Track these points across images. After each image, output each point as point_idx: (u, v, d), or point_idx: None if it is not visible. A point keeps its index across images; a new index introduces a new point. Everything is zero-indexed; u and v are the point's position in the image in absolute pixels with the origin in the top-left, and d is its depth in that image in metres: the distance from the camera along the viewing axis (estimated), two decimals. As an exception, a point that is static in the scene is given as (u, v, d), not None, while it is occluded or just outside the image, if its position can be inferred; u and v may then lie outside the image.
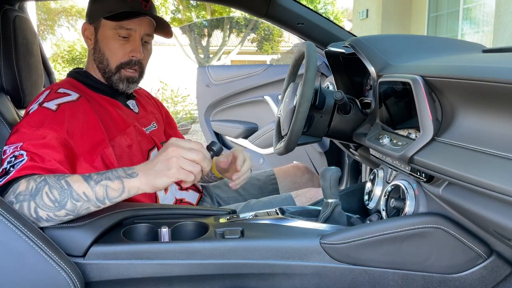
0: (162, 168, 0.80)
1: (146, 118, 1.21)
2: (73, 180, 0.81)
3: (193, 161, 0.81)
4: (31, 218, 0.79)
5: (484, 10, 6.88)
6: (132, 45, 1.08)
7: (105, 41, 1.08)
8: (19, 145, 0.88)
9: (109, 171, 0.83)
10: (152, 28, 1.13)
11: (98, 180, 0.81)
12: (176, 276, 0.83)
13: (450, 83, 0.73)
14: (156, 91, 7.32)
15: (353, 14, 9.86)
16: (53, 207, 0.79)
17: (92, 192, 0.80)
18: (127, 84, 1.11)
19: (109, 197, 0.81)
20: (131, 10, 1.06)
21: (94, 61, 1.11)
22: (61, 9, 13.21)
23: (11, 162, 0.85)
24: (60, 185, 0.80)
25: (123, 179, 0.82)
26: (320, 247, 0.84)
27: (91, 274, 0.81)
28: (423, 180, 0.82)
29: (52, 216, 0.80)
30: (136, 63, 1.10)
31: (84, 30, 1.12)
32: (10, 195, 0.81)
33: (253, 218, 0.97)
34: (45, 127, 0.92)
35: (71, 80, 1.11)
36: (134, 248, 0.82)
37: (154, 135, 1.20)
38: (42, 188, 0.80)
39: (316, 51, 1.05)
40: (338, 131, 1.14)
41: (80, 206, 0.80)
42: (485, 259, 0.83)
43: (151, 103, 1.32)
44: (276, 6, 1.49)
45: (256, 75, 2.45)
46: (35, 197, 0.79)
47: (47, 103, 0.98)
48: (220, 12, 12.08)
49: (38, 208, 0.79)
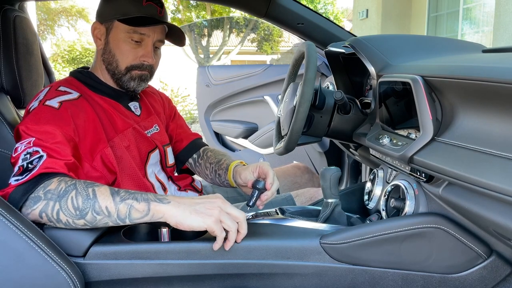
0: (203, 211, 0.79)
1: (147, 121, 1.20)
2: (100, 191, 0.81)
3: (234, 218, 0.81)
4: (52, 218, 0.80)
5: (484, 10, 6.89)
6: (144, 50, 1.07)
7: (117, 43, 1.06)
8: (31, 140, 0.87)
9: (139, 193, 0.82)
10: (164, 34, 1.12)
11: (124, 198, 0.80)
12: (176, 276, 0.83)
13: (450, 83, 0.73)
14: (156, 91, 7.31)
15: (353, 14, 9.85)
16: (74, 214, 0.79)
17: (115, 209, 0.79)
18: (139, 82, 1.10)
19: (131, 217, 0.80)
20: (146, 15, 1.05)
21: (103, 61, 1.09)
22: (61, 9, 13.21)
23: (26, 159, 0.84)
24: (87, 193, 0.80)
25: (151, 202, 0.80)
26: (320, 247, 0.84)
27: (91, 274, 0.81)
28: (423, 180, 0.82)
29: (71, 222, 0.80)
30: (147, 67, 1.09)
31: (94, 29, 1.10)
32: (40, 190, 0.80)
33: (253, 218, 0.97)
34: (52, 124, 0.92)
35: (71, 79, 1.11)
36: (134, 248, 0.82)
37: (156, 138, 1.19)
38: (69, 192, 0.80)
39: (316, 51, 1.05)
40: (338, 131, 1.14)
41: (100, 220, 0.80)
42: (485, 259, 0.83)
43: (157, 100, 1.29)
44: (276, 6, 1.49)
45: (256, 75, 2.45)
46: (61, 199, 0.79)
47: (49, 101, 0.98)
48: (220, 12, 12.09)
49: (61, 211, 0.79)
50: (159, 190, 1.15)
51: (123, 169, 1.06)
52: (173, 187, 1.21)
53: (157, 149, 1.17)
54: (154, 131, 1.20)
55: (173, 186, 1.22)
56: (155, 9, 1.07)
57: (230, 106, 2.63)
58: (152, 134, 1.18)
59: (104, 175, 1.02)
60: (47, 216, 0.79)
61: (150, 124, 1.20)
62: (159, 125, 1.23)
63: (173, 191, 1.20)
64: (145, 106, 1.22)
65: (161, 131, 1.23)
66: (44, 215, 0.79)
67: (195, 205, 0.80)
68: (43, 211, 0.79)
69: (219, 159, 1.23)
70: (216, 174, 1.22)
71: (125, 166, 1.06)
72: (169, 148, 1.25)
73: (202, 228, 0.79)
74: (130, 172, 1.07)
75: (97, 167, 1.00)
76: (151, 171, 1.15)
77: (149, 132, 1.18)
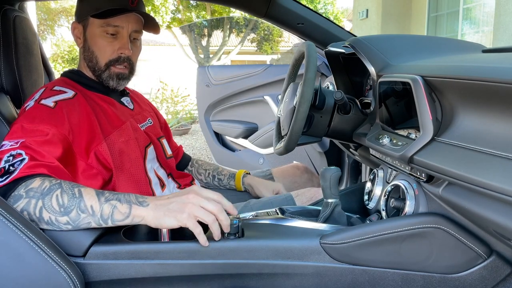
0: (175, 209, 0.80)
1: (141, 115, 1.22)
2: (86, 191, 0.81)
3: (210, 211, 0.80)
4: (33, 216, 0.79)
5: (484, 10, 6.89)
6: (120, 42, 1.08)
7: (93, 39, 1.08)
8: (19, 141, 0.87)
9: (122, 194, 0.82)
10: (140, 24, 1.12)
11: (109, 199, 0.81)
12: (176, 276, 0.83)
13: (450, 83, 0.73)
14: (156, 91, 7.31)
15: (353, 14, 9.85)
16: (58, 211, 0.79)
17: (99, 208, 0.80)
18: (117, 80, 1.11)
19: (113, 219, 0.80)
20: (118, 7, 1.06)
21: (84, 59, 1.11)
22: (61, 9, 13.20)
23: (9, 161, 0.84)
24: (73, 192, 0.80)
25: (132, 204, 0.81)
26: (320, 247, 0.84)
27: (91, 274, 0.81)
28: (423, 180, 0.82)
29: (53, 220, 0.79)
30: (125, 60, 1.10)
31: (73, 29, 1.12)
32: (21, 189, 0.80)
33: (253, 218, 0.97)
34: (46, 123, 0.92)
35: (65, 79, 1.12)
36: (134, 248, 0.82)
37: (150, 131, 1.20)
38: (54, 190, 0.80)
39: (316, 51, 1.05)
40: (338, 131, 1.14)
41: (83, 219, 0.80)
42: (485, 259, 0.83)
43: (147, 103, 1.33)
44: (276, 6, 1.49)
45: (256, 75, 2.46)
46: (45, 197, 0.79)
47: (45, 100, 0.98)
48: (220, 12, 12.08)
49: (44, 208, 0.79)
50: (156, 186, 1.15)
51: (122, 164, 1.06)
52: (173, 185, 1.21)
53: (151, 145, 1.18)
54: (148, 124, 1.22)
55: (172, 184, 1.22)
56: (127, 0, 1.07)
57: (230, 106, 2.63)
58: (146, 127, 1.19)
59: (100, 172, 1.02)
60: (29, 215, 0.79)
61: (143, 117, 1.22)
62: (152, 117, 1.25)
63: (172, 188, 1.20)
64: (135, 101, 1.24)
65: (154, 124, 1.25)
66: (25, 213, 0.79)
67: (169, 204, 0.80)
68: (24, 209, 0.79)
69: (215, 166, 1.40)
70: (215, 178, 1.36)
71: (124, 160, 1.07)
72: (164, 140, 1.27)
73: (178, 226, 0.79)
74: (128, 167, 1.08)
75: (92, 164, 1.00)
76: (150, 167, 1.15)
77: (143, 126, 1.19)
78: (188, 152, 4.72)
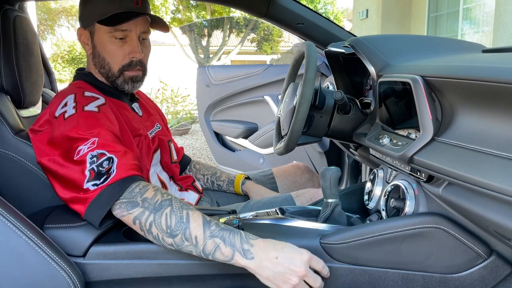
0: (281, 277, 0.77)
1: (149, 121, 1.21)
2: (193, 218, 0.81)
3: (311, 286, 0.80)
4: (143, 227, 0.80)
5: (484, 10, 6.88)
6: (130, 46, 1.06)
7: (103, 45, 1.06)
8: (95, 140, 0.87)
9: (228, 231, 0.80)
10: (147, 24, 1.10)
11: (214, 235, 0.79)
12: (176, 276, 0.83)
13: (450, 83, 0.73)
14: (156, 91, 7.31)
15: (353, 14, 9.85)
16: (165, 231, 0.79)
17: (203, 241, 0.79)
18: (132, 84, 1.10)
19: (214, 256, 0.79)
20: (123, 10, 1.04)
21: (95, 66, 1.09)
22: (61, 9, 13.21)
23: (94, 162, 0.84)
24: (181, 215, 0.80)
25: (236, 252, 0.79)
26: (320, 247, 0.84)
27: (91, 274, 0.81)
28: (423, 180, 0.82)
29: (160, 238, 0.80)
30: (137, 63, 1.09)
31: (79, 36, 1.10)
32: (137, 196, 0.81)
33: (253, 218, 0.97)
34: (102, 127, 0.92)
35: (82, 83, 1.09)
36: (134, 248, 0.82)
37: (160, 135, 1.20)
38: (165, 208, 0.81)
39: (316, 51, 1.05)
40: (338, 131, 1.14)
41: (186, 246, 0.80)
42: (485, 259, 0.83)
43: (152, 105, 1.32)
44: (276, 6, 1.49)
45: (256, 75, 2.45)
46: (157, 212, 0.80)
47: (87, 107, 0.97)
48: (220, 12, 12.08)
49: (154, 224, 0.80)
50: None
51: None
52: (174, 187, 1.22)
53: (158, 150, 1.17)
54: (157, 129, 1.21)
55: (174, 186, 1.22)
56: (131, 1, 1.05)
57: (230, 106, 2.63)
58: (155, 133, 1.19)
59: None
60: (140, 224, 0.80)
61: (152, 123, 1.21)
62: (159, 121, 1.25)
63: (173, 191, 1.20)
64: (143, 106, 1.23)
65: (162, 128, 1.25)
66: (137, 222, 0.80)
67: (275, 267, 0.78)
68: (137, 218, 0.80)
69: (213, 171, 1.39)
70: (214, 184, 1.37)
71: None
72: (172, 144, 1.27)
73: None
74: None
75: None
76: (153, 171, 1.15)
77: (152, 132, 1.18)
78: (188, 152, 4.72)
